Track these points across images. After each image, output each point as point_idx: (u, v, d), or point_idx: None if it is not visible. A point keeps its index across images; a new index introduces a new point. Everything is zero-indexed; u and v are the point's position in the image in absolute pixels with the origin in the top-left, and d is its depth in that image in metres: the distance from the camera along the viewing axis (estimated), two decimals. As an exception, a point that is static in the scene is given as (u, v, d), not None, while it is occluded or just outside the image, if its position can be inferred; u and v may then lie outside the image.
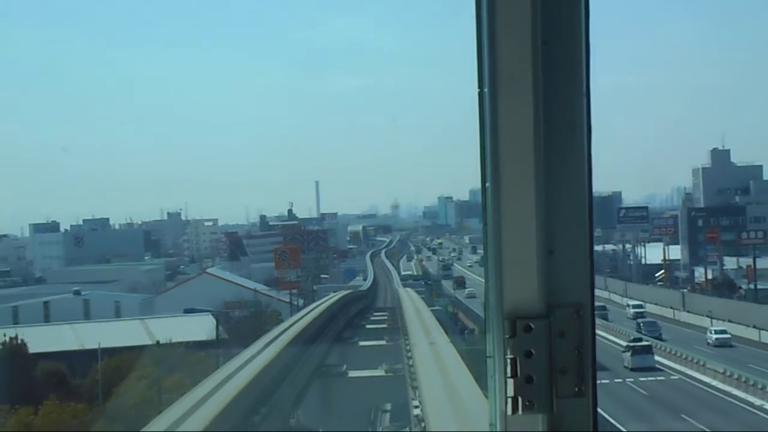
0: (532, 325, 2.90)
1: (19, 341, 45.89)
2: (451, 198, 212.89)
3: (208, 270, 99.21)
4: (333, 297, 66.62)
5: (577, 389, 2.91)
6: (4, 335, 46.25)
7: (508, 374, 2.90)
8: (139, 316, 62.63)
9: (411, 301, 70.10)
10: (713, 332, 69.45)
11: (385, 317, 66.02)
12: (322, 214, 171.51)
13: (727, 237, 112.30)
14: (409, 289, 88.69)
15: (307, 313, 52.13)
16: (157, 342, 46.69)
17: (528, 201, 2.91)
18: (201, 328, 51.61)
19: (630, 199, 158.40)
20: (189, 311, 61.85)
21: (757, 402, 48.16)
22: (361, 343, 52.11)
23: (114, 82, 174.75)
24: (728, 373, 52.85)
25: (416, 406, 26.66)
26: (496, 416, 2.93)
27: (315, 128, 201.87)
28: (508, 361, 2.91)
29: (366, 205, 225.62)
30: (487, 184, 2.95)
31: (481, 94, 2.97)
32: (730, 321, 73.08)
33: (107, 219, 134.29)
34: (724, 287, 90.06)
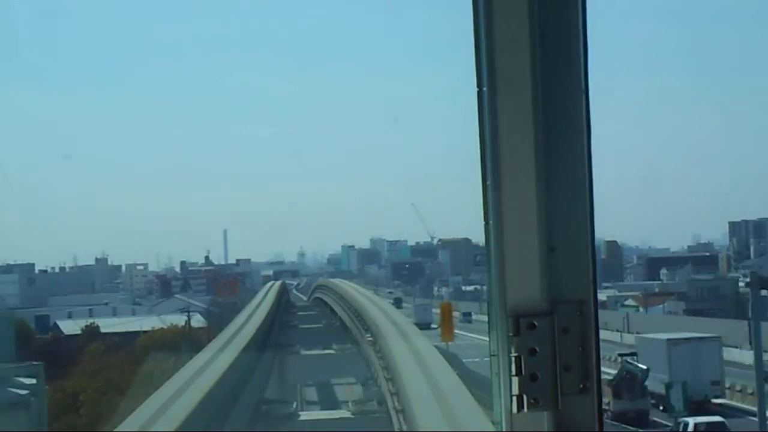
0: (536, 323, 2.42)
1: (94, 325, 66.92)
2: (353, 246, 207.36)
3: (176, 295, 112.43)
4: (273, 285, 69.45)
5: (581, 386, 2.44)
6: (86, 321, 68.12)
7: (513, 372, 2.43)
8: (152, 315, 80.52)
9: (357, 291, 56.97)
10: None
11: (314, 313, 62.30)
12: (237, 260, 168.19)
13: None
14: (345, 281, 75.51)
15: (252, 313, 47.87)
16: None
17: (529, 198, 2.39)
18: (194, 319, 66.41)
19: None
20: (183, 311, 74.66)
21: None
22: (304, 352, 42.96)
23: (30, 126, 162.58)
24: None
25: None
26: (501, 414, 2.40)
27: (222, 177, 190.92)
28: (513, 359, 2.44)
29: (272, 252, 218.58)
30: (488, 182, 2.40)
31: (480, 93, 2.43)
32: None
33: (33, 264, 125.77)
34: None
